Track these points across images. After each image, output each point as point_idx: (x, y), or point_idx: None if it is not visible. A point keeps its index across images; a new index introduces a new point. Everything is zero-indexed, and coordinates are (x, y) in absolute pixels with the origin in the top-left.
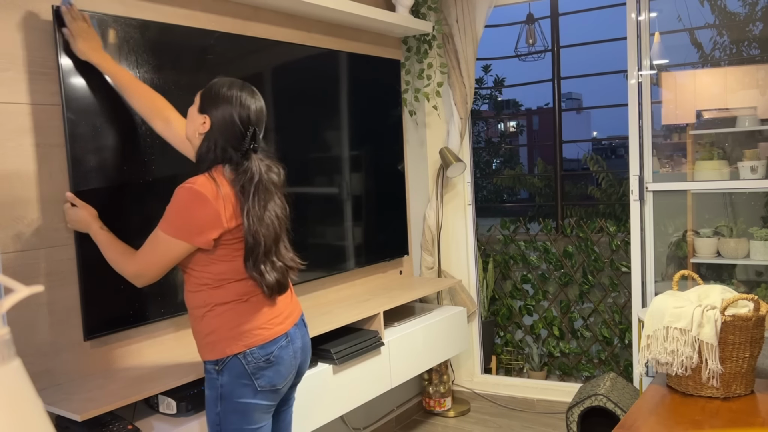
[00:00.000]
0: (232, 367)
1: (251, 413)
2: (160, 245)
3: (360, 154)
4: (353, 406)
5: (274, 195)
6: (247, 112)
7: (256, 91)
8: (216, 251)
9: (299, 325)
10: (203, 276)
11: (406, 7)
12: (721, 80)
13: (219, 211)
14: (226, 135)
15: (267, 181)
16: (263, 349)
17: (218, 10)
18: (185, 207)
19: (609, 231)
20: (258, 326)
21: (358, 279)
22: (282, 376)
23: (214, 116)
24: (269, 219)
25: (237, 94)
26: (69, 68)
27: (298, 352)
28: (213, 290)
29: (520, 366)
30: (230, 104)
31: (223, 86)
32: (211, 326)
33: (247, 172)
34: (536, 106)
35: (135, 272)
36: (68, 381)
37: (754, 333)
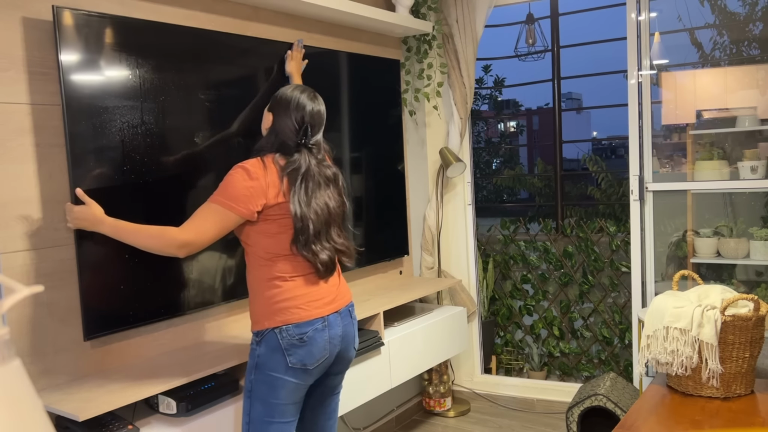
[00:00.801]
0: (269, 340)
1: (279, 388)
2: (210, 215)
3: (360, 154)
4: (353, 406)
5: (325, 187)
6: (302, 112)
7: (317, 95)
8: (261, 225)
9: (343, 314)
10: (256, 251)
11: (406, 7)
12: (721, 80)
13: (263, 187)
14: (283, 130)
15: (316, 173)
16: (298, 327)
17: (218, 10)
18: (233, 180)
19: (609, 231)
20: (296, 305)
21: (358, 279)
22: (314, 357)
23: (276, 114)
24: (317, 205)
25: (297, 95)
26: (69, 68)
27: (335, 339)
28: (262, 266)
29: (520, 366)
30: (289, 104)
31: (288, 89)
32: (258, 300)
33: (295, 162)
34: (536, 106)
35: (186, 240)
36: (68, 381)
37: (754, 333)
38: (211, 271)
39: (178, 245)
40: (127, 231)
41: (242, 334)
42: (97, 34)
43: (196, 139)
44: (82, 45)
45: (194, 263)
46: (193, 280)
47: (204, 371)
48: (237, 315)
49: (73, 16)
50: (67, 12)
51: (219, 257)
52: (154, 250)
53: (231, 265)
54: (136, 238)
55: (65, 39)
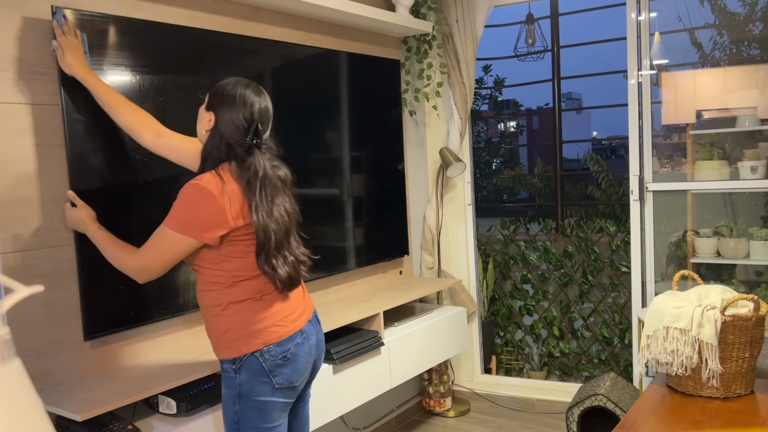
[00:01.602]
0: (249, 366)
1: (269, 411)
2: (165, 240)
3: (360, 154)
4: (353, 406)
5: (281, 191)
6: (251, 109)
7: (262, 89)
8: (225, 249)
9: (313, 321)
10: (215, 274)
11: (406, 7)
12: (721, 80)
13: (224, 208)
14: (230, 131)
15: (273, 177)
16: (280, 346)
17: (218, 10)
18: (191, 203)
19: (609, 231)
20: (274, 323)
21: (358, 279)
22: (299, 373)
23: (219, 113)
24: (278, 213)
25: (241, 91)
26: None
27: (313, 349)
28: (227, 289)
29: (520, 366)
30: (234, 101)
31: (228, 84)
32: (226, 325)
33: (251, 167)
34: (536, 106)
35: (139, 267)
36: (68, 381)
37: (754, 333)
38: None
39: (133, 272)
40: (101, 242)
41: None
42: (96, 34)
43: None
44: (81, 45)
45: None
46: (193, 280)
47: (204, 371)
48: None
49: (73, 16)
50: (67, 12)
51: None
52: (118, 268)
53: None
54: (105, 252)
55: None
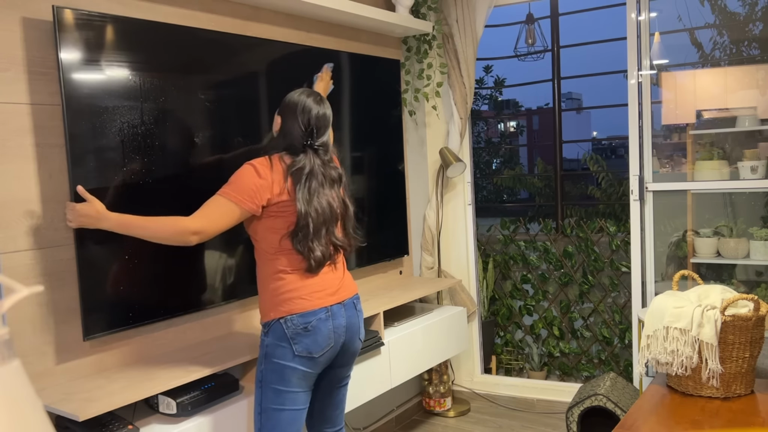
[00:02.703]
0: (275, 330)
1: (288, 375)
2: (218, 207)
3: (360, 154)
4: (353, 406)
5: (328, 187)
6: (308, 115)
7: (323, 98)
8: (268, 221)
9: (347, 305)
10: (261, 247)
11: (406, 7)
12: (721, 80)
13: (268, 183)
14: (291, 132)
15: (320, 174)
16: (302, 317)
17: (218, 10)
18: (240, 176)
19: (609, 231)
20: (299, 296)
21: (359, 279)
22: (319, 345)
23: (284, 118)
24: (318, 203)
25: (303, 99)
26: (69, 68)
27: (340, 329)
28: (268, 260)
29: (520, 366)
30: (296, 107)
31: (295, 94)
32: (265, 292)
33: (300, 162)
34: (536, 106)
35: (197, 228)
36: (68, 381)
37: (754, 333)
38: (211, 271)
39: (191, 232)
40: (135, 224)
41: (242, 333)
42: (97, 34)
43: (195, 139)
44: (82, 45)
45: (194, 263)
46: (193, 280)
47: (204, 371)
48: (237, 315)
49: (73, 16)
50: (67, 12)
51: (219, 257)
52: (165, 239)
53: (231, 265)
54: (145, 230)
55: (65, 39)
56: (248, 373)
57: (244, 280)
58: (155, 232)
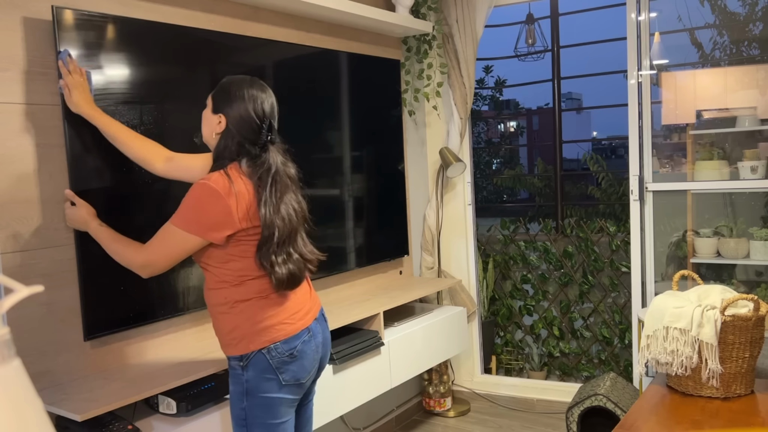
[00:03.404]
0: (256, 363)
1: (276, 407)
2: (171, 237)
3: (360, 154)
4: (353, 406)
5: (290, 188)
6: (261, 105)
7: (265, 85)
8: (232, 248)
9: (319, 319)
10: (222, 273)
11: (406, 7)
12: (721, 80)
13: (231, 208)
14: (243, 130)
15: (284, 174)
16: (287, 343)
17: (218, 10)
18: (198, 202)
19: (609, 231)
20: (281, 321)
21: (358, 279)
22: (306, 370)
23: (228, 114)
24: (285, 211)
25: (248, 89)
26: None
27: (320, 347)
28: (234, 287)
29: (520, 366)
30: (243, 100)
31: (233, 84)
32: (233, 323)
33: (264, 163)
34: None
35: (144, 262)
36: (68, 381)
37: (754, 333)
38: None
39: (138, 266)
40: (104, 238)
41: None
42: (96, 34)
43: (195, 139)
44: (81, 45)
45: (194, 263)
46: (193, 281)
47: (204, 371)
48: None
49: (73, 16)
50: (66, 12)
51: None
52: (121, 263)
53: None
54: (109, 248)
55: (65, 39)
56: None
57: None
58: (114, 254)
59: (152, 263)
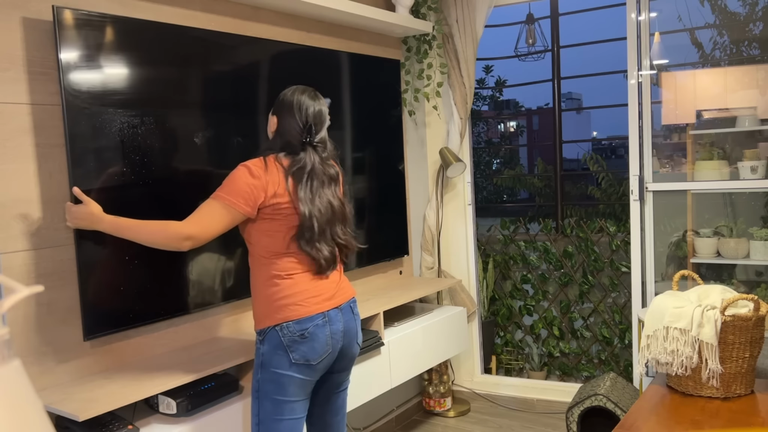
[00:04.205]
0: (271, 338)
1: (286, 384)
2: (211, 211)
3: (360, 154)
4: (353, 406)
5: (328, 185)
6: (305, 111)
7: (318, 95)
8: (262, 224)
9: (345, 310)
10: (256, 250)
11: (406, 7)
12: (721, 80)
13: (263, 185)
14: (288, 132)
15: (320, 172)
16: (299, 324)
17: (218, 10)
18: (234, 178)
19: (609, 231)
20: (295, 302)
21: (358, 279)
22: (316, 352)
23: (280, 117)
24: (320, 203)
25: (298, 97)
26: (69, 68)
27: (337, 335)
28: (264, 265)
29: (520, 366)
30: (292, 105)
31: (288, 92)
32: (259, 298)
33: (300, 161)
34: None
35: (189, 233)
36: (68, 381)
37: (754, 333)
38: (211, 272)
39: (183, 237)
40: (128, 227)
41: (242, 334)
42: (97, 34)
43: (195, 139)
44: (82, 45)
45: (194, 264)
46: (193, 281)
47: (204, 371)
48: (237, 315)
49: (73, 16)
50: (67, 12)
51: (218, 258)
52: (158, 244)
53: (230, 266)
54: (138, 234)
55: (65, 39)
56: (248, 373)
57: (244, 281)
58: (147, 236)
59: (198, 234)
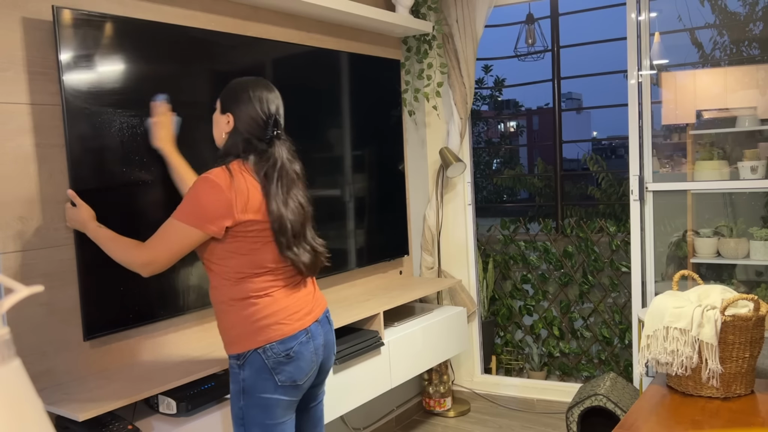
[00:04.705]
0: (252, 362)
1: (273, 408)
2: (172, 232)
3: (360, 154)
4: (353, 406)
5: (296, 183)
6: (267, 103)
7: (271, 85)
8: (231, 244)
9: (322, 322)
10: (223, 270)
11: (406, 7)
12: (721, 80)
13: (230, 200)
14: (250, 128)
15: (290, 169)
16: (283, 344)
17: (218, 10)
18: (197, 195)
19: (609, 231)
20: (277, 321)
21: (358, 279)
22: (303, 372)
23: (236, 113)
24: (293, 204)
25: (254, 90)
26: (69, 68)
27: (319, 349)
28: (232, 285)
29: (520, 366)
30: (249, 99)
31: (240, 85)
32: (232, 321)
33: (270, 158)
34: (536, 106)
35: (146, 260)
36: (68, 381)
37: (754, 333)
38: None
39: (140, 264)
40: (103, 239)
41: None
42: (97, 34)
43: (196, 139)
44: (81, 45)
45: (194, 264)
46: (193, 281)
47: (204, 371)
48: None
49: (73, 16)
50: (66, 12)
51: None
52: (124, 264)
53: None
54: (108, 248)
55: (65, 39)
56: None
57: None
58: (115, 254)
59: (154, 260)
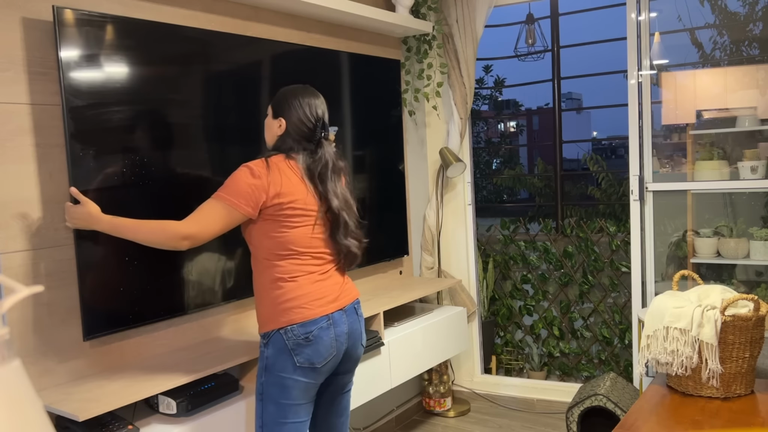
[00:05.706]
0: (275, 341)
1: (290, 388)
2: (211, 210)
3: (360, 154)
4: (353, 406)
5: (339, 179)
6: (314, 109)
7: (317, 92)
8: (264, 225)
9: (348, 311)
10: (259, 252)
11: (406, 7)
12: (721, 80)
13: (264, 185)
14: (300, 130)
15: (337, 167)
16: (303, 327)
17: (218, 10)
18: (235, 178)
19: (609, 231)
20: (299, 305)
21: (358, 279)
22: (321, 355)
23: (287, 118)
24: (343, 198)
25: (302, 96)
26: (69, 68)
27: (342, 337)
28: (266, 268)
29: (520, 366)
30: (299, 105)
31: (289, 92)
32: (263, 301)
33: (322, 159)
34: (536, 106)
35: (188, 233)
36: (68, 381)
37: (754, 333)
38: (211, 272)
39: (181, 237)
40: (126, 227)
41: (242, 334)
42: (97, 34)
43: (196, 139)
44: (82, 45)
45: (194, 264)
46: (193, 281)
47: (204, 371)
48: (237, 315)
49: (74, 16)
50: (67, 12)
51: (218, 258)
52: (156, 243)
53: (231, 266)
54: (136, 234)
55: (65, 39)
56: (248, 373)
57: (244, 281)
58: (145, 235)
59: (196, 234)
